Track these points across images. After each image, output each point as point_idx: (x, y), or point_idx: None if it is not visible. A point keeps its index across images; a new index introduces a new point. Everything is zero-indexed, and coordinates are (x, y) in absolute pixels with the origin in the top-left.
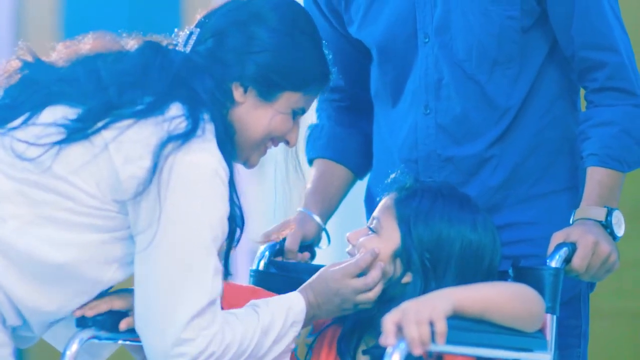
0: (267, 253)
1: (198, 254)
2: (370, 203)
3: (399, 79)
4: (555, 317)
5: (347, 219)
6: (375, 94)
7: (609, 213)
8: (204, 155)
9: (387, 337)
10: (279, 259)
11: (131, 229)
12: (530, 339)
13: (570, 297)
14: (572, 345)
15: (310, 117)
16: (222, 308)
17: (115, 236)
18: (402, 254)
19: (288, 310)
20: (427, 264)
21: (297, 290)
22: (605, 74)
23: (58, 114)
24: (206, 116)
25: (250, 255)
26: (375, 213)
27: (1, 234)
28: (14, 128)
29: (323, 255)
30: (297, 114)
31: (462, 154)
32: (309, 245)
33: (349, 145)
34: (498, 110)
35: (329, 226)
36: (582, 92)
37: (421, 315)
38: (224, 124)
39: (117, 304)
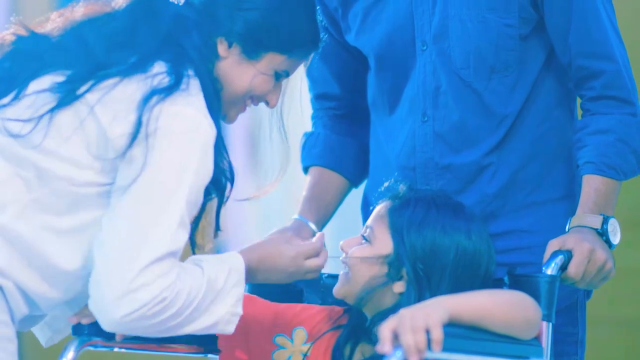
0: None
1: (170, 202)
2: (367, 211)
3: (397, 87)
4: (551, 324)
5: (343, 226)
6: (372, 102)
7: (605, 221)
8: (188, 108)
9: (384, 344)
10: None
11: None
12: (526, 347)
13: (568, 305)
14: (569, 353)
15: (305, 124)
16: None
17: None
18: (394, 263)
19: (230, 269)
20: (420, 273)
21: (240, 251)
22: (602, 83)
23: (46, 82)
24: (190, 72)
25: None
26: (369, 222)
27: (2, 221)
28: (4, 105)
29: None
30: (280, 76)
31: (459, 162)
32: None
33: (345, 153)
34: (496, 118)
35: (325, 233)
36: (579, 100)
37: (417, 322)
38: (210, 79)
39: None
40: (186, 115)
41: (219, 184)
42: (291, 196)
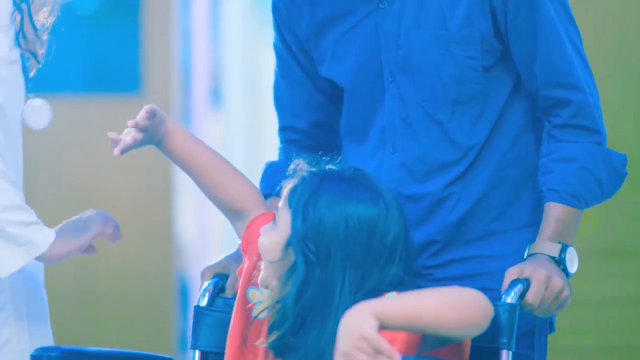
0: (210, 289)
1: None
2: None
3: (367, 118)
4: (511, 352)
5: None
6: (345, 132)
7: (563, 249)
8: None
9: None
10: (222, 295)
11: None
12: None
13: (526, 331)
14: None
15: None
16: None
17: None
18: (293, 244)
19: None
20: (309, 254)
21: None
22: (569, 112)
23: None
24: None
25: None
26: (278, 204)
27: None
28: None
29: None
30: None
31: (422, 192)
32: None
33: None
34: (460, 150)
35: None
36: None
37: (361, 345)
38: None
39: None
40: None
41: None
42: None
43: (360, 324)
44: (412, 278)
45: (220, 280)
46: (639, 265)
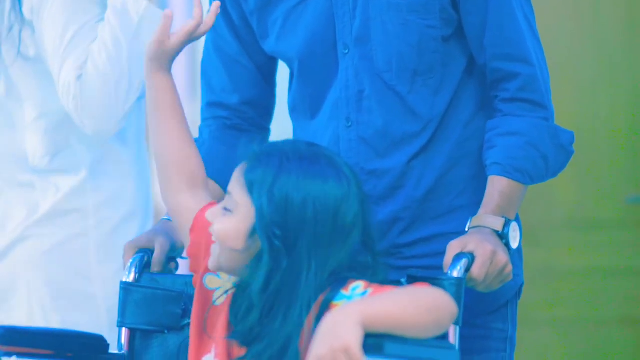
0: (136, 265)
1: None
2: None
3: (319, 91)
4: (458, 327)
5: None
6: (292, 108)
7: (507, 224)
8: None
9: None
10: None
11: None
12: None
13: (499, 305)
14: (497, 349)
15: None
16: None
17: None
18: (259, 231)
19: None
20: (275, 241)
21: None
22: (516, 85)
23: None
24: None
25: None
26: (229, 188)
27: None
28: None
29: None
30: None
31: (385, 167)
32: (172, 256)
33: (226, 165)
34: (421, 122)
35: None
36: None
37: (339, 357)
38: None
39: None
40: None
41: None
42: None
43: (346, 333)
44: (377, 257)
45: (145, 255)
46: (615, 236)
